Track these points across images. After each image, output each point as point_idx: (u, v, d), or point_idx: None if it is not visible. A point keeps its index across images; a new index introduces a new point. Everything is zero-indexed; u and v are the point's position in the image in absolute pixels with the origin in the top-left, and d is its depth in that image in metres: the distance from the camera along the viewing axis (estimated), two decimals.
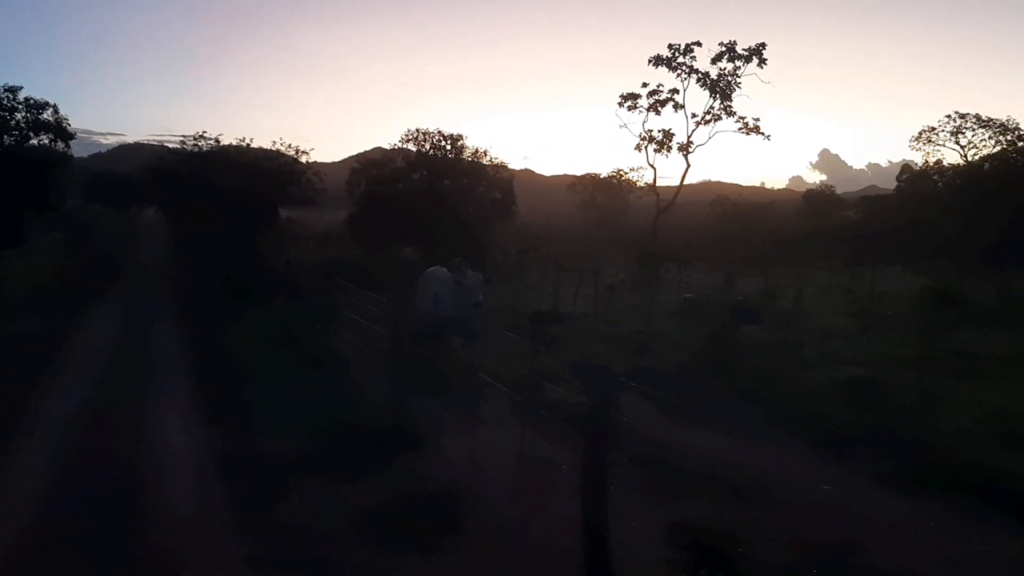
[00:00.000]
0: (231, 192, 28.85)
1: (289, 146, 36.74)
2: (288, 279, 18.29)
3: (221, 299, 17.71)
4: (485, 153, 47.02)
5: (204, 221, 28.40)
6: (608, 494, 4.85)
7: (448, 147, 45.76)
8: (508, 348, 11.67)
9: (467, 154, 46.11)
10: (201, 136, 33.14)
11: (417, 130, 46.88)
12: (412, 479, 7.08)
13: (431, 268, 12.25)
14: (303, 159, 36.86)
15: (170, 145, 34.59)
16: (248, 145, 34.81)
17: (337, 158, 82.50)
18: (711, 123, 43.63)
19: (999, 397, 10.49)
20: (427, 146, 46.15)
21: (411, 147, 46.11)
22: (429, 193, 42.92)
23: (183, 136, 32.74)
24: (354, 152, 66.07)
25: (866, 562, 5.32)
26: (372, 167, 46.77)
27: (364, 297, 13.91)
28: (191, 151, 33.37)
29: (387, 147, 48.74)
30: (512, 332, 11.87)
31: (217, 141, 34.04)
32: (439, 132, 46.55)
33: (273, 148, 36.00)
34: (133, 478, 7.03)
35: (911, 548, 5.81)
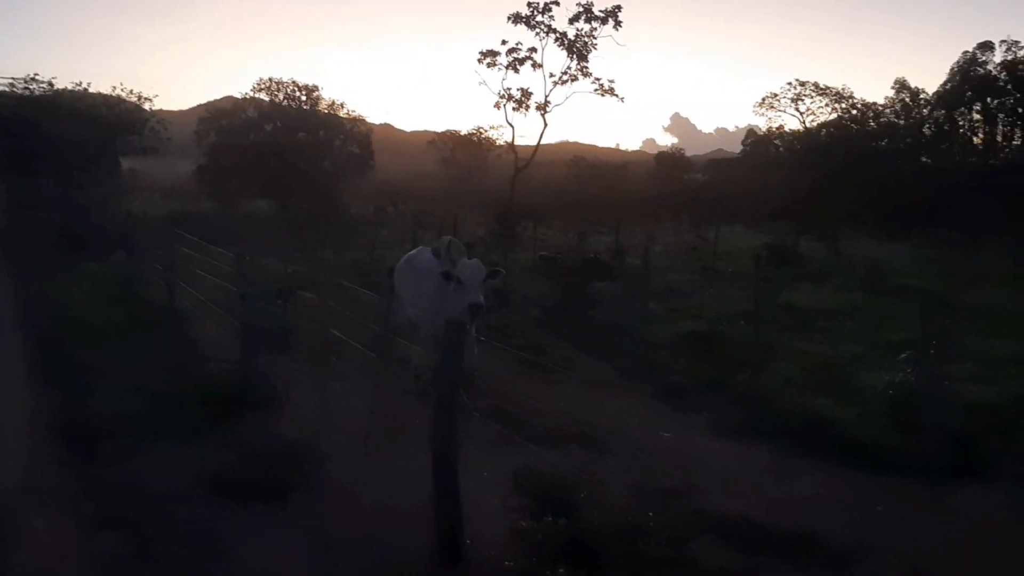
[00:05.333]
0: (66, 140, 26.93)
1: (131, 92, 34.53)
2: (129, 233, 17.41)
3: (55, 254, 16.64)
4: (342, 106, 45.93)
5: (36, 171, 26.48)
6: (458, 446, 4.93)
7: (303, 98, 44.45)
8: (364, 305, 11.57)
9: (323, 106, 44.94)
10: (32, 79, 30.63)
11: (270, 79, 45.27)
12: (260, 437, 6.96)
13: (411, 252, 9.51)
14: (146, 106, 34.77)
15: None
16: (86, 90, 32.54)
17: (184, 106, 78.62)
18: (568, 83, 44.17)
19: (824, 349, 11.30)
20: (281, 96, 44.69)
21: (264, 97, 44.49)
22: (283, 145, 41.74)
23: (12, 79, 30.13)
24: (203, 101, 63.09)
25: (699, 504, 5.65)
26: (222, 117, 44.89)
27: (212, 252, 13.41)
28: (21, 95, 30.87)
29: (238, 96, 46.86)
30: (368, 289, 11.77)
31: (51, 85, 31.58)
32: (293, 82, 45.17)
33: (114, 94, 33.77)
34: None
35: (741, 490, 6.21)
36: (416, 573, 4.72)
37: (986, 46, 49.25)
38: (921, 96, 50.33)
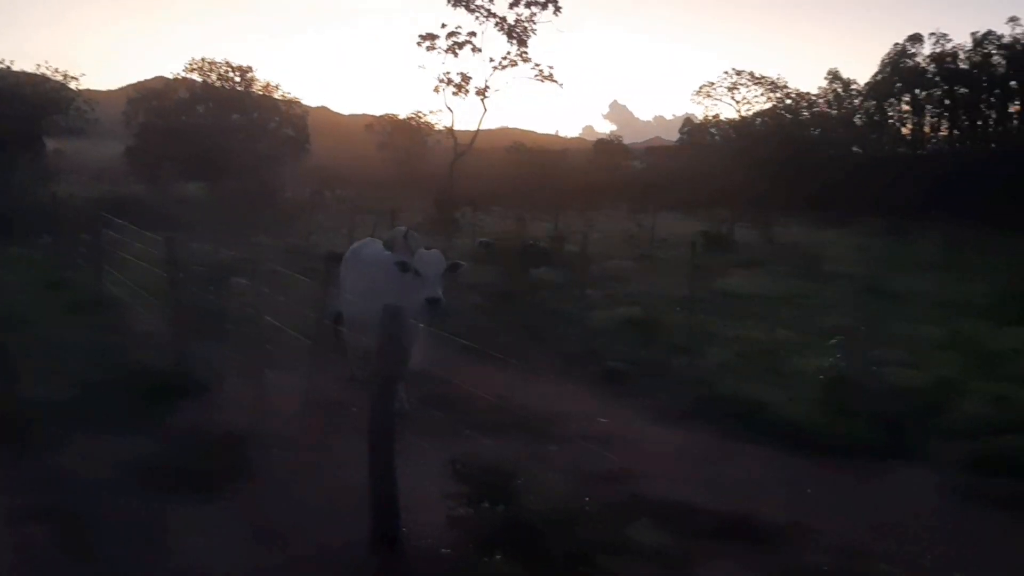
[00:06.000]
0: None
1: (56, 71, 33.38)
2: (55, 215, 16.85)
3: None
4: (277, 87, 45.14)
5: None
6: (397, 434, 4.89)
7: (237, 79, 43.55)
8: (300, 291, 11.39)
9: (257, 88, 44.10)
10: None
11: (203, 60, 44.22)
12: (194, 426, 6.80)
13: (357, 243, 8.90)
14: (73, 85, 33.67)
15: None
16: (8, 68, 31.38)
17: (112, 86, 76.40)
18: (508, 69, 44.14)
19: (759, 334, 11.50)
20: (214, 77, 43.73)
21: (196, 77, 43.49)
22: (216, 127, 40.93)
23: None
24: (132, 81, 61.42)
25: (636, 489, 5.70)
26: (152, 97, 43.77)
27: (142, 237, 13.05)
28: None
29: (169, 77, 45.69)
30: (304, 275, 11.59)
31: None
32: (227, 63, 44.17)
33: (38, 72, 32.65)
34: None
35: (678, 474, 6.29)
36: (353, 561, 4.67)
37: (915, 39, 50.74)
38: (853, 87, 51.67)
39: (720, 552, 4.84)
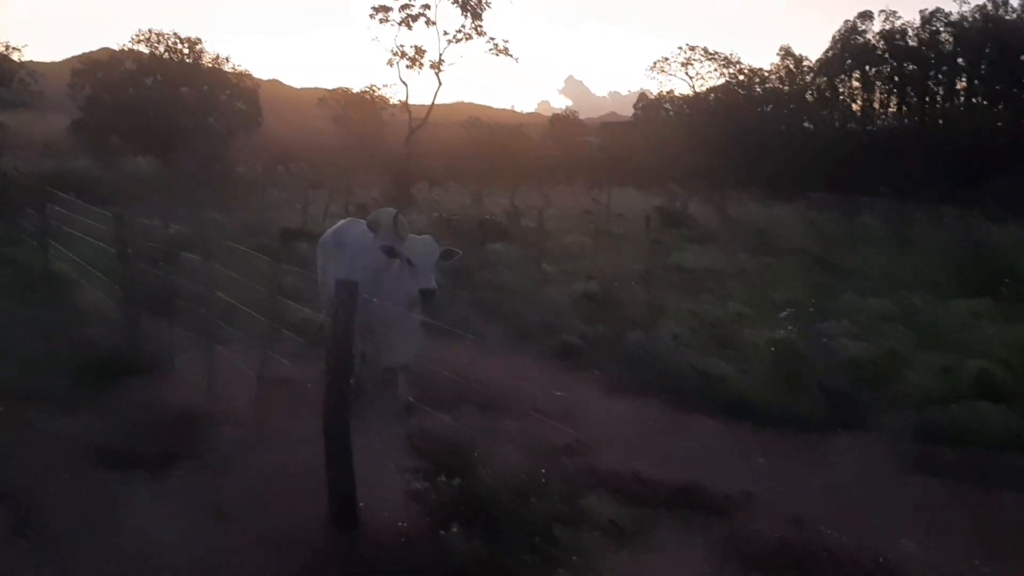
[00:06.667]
0: None
1: None
2: None
3: None
4: (227, 60, 44.27)
5: None
6: (352, 411, 4.87)
7: (185, 51, 42.62)
8: (253, 268, 11.23)
9: (207, 60, 43.20)
10: None
11: (150, 31, 43.15)
12: (144, 405, 6.71)
13: (340, 223, 8.13)
14: (15, 57, 32.70)
15: None
16: None
17: (57, 58, 74.24)
18: (462, 42, 43.75)
19: (712, 308, 11.65)
20: (162, 49, 42.74)
21: (143, 49, 42.50)
22: (165, 100, 40.14)
23: None
24: (77, 52, 59.73)
25: (592, 461, 5.77)
26: (98, 69, 42.64)
27: (90, 212, 12.76)
28: None
29: (116, 48, 44.51)
30: (258, 252, 11.45)
31: None
32: (175, 34, 43.17)
33: None
34: None
35: (632, 446, 6.37)
36: (310, 538, 4.66)
37: (866, 16, 51.34)
38: (804, 63, 52.12)
39: (673, 522, 4.93)
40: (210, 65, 42.88)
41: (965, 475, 5.86)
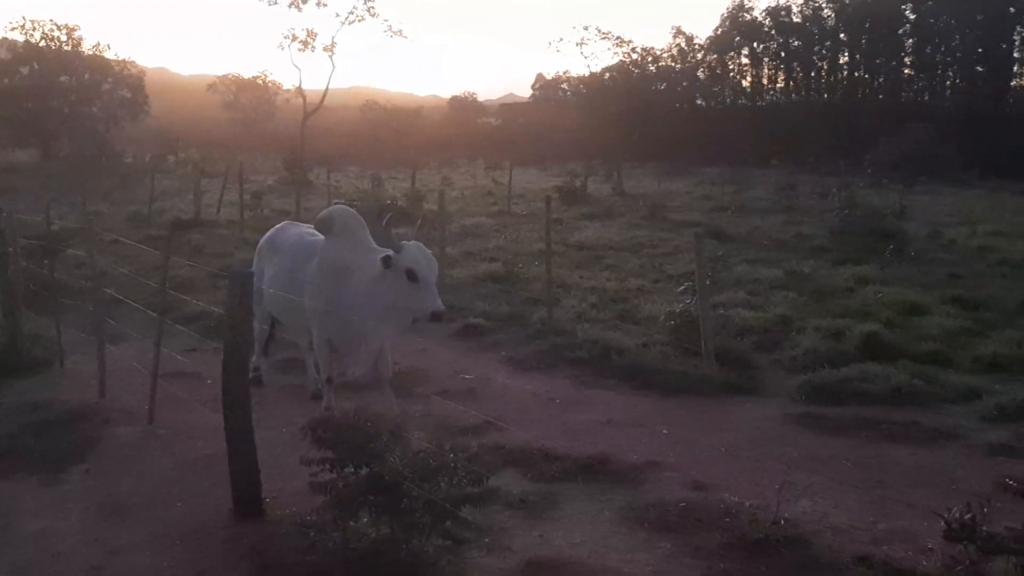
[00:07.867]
0: None
1: None
2: None
3: None
4: (108, 47, 42.55)
5: None
6: (252, 401, 4.77)
7: (63, 39, 40.75)
8: (143, 261, 10.84)
9: (86, 48, 41.38)
10: None
11: (24, 18, 41.03)
12: (32, 406, 6.42)
13: (276, 227, 7.03)
14: None
15: None
16: None
17: None
18: (355, 24, 43.03)
19: (612, 283, 11.85)
20: (38, 37, 40.79)
21: (18, 37, 40.47)
22: (43, 89, 38.48)
23: None
24: None
25: (500, 440, 5.80)
26: None
27: None
28: None
29: None
30: (146, 244, 11.04)
31: None
32: (52, 22, 41.22)
33: None
34: None
35: (539, 421, 6.43)
36: (215, 532, 4.55)
37: None
38: (696, 42, 53.21)
39: (581, 494, 5.00)
40: (90, 53, 41.02)
41: (856, 432, 6.13)
